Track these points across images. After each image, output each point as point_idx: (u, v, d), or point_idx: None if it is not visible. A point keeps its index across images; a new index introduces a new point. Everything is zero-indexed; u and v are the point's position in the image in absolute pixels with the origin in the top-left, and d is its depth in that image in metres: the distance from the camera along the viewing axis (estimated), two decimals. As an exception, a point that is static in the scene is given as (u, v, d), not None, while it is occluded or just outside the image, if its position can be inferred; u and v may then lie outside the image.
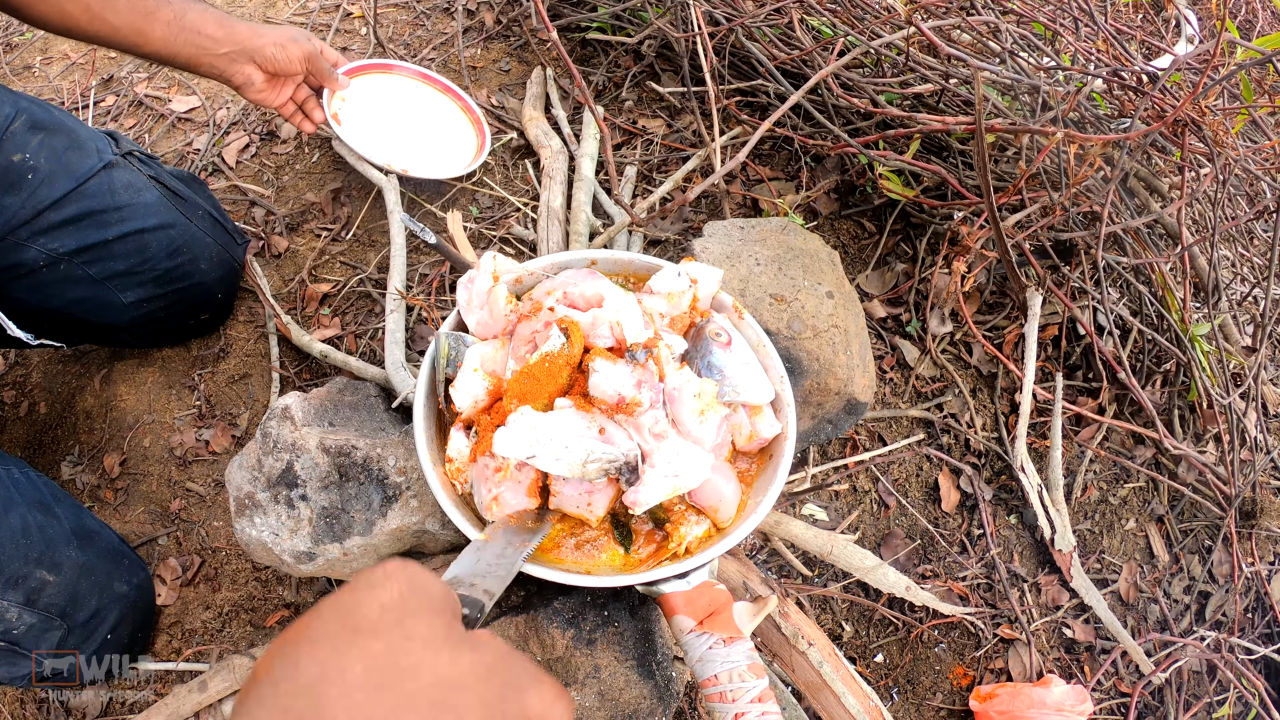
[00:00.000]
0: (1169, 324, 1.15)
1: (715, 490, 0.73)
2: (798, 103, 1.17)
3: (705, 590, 0.71)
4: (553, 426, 0.69)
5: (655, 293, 0.81)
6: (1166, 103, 0.98)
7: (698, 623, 0.69)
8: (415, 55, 1.40)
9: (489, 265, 0.82)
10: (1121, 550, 1.13)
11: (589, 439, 0.69)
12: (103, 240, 0.93)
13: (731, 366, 0.77)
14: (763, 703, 0.66)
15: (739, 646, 0.67)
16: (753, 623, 0.70)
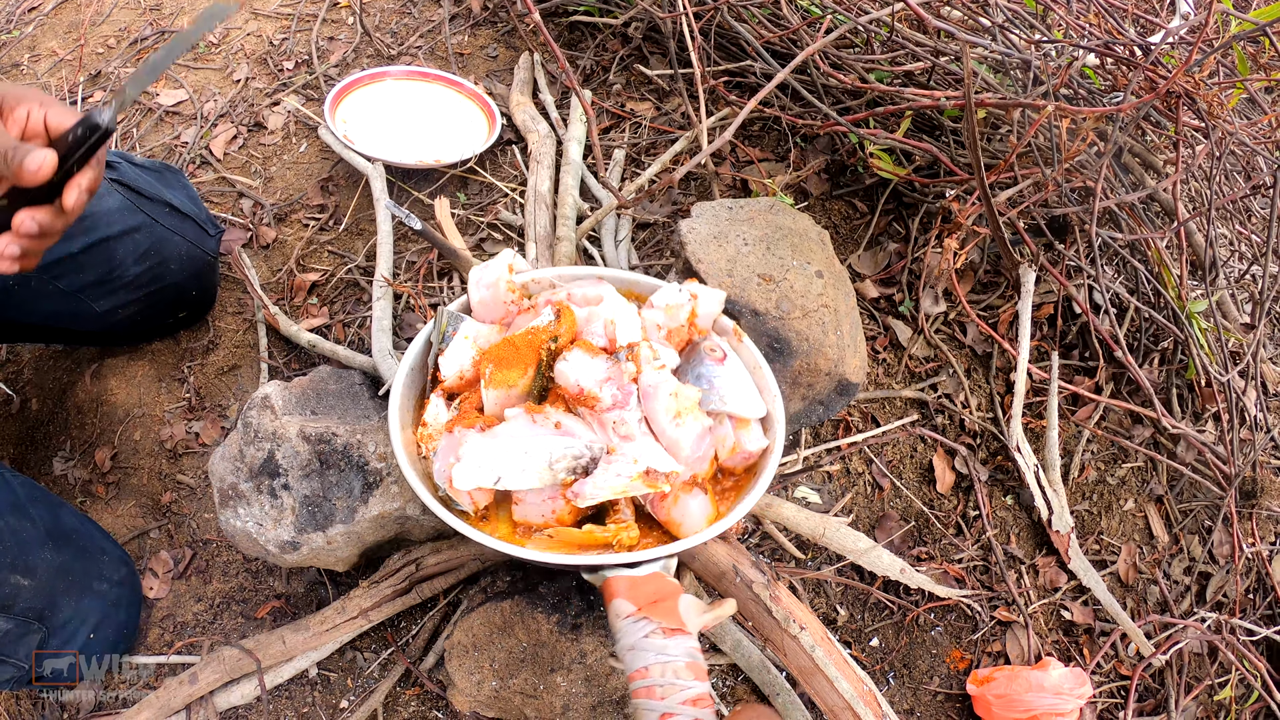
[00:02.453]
0: (1166, 302, 1.13)
1: (682, 508, 0.70)
2: (787, 82, 1.16)
3: (654, 579, 0.66)
4: (504, 438, 0.68)
5: (654, 306, 0.80)
6: (1159, 74, 0.96)
7: (637, 608, 0.63)
8: (402, 43, 1.39)
9: (506, 258, 0.82)
10: (1120, 531, 1.12)
11: (545, 437, 0.67)
12: (69, 253, 0.91)
13: (722, 378, 0.76)
14: (697, 707, 0.59)
15: (680, 640, 0.61)
16: (701, 619, 0.64)
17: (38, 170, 0.61)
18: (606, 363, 0.73)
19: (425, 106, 1.27)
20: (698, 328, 0.82)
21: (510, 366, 0.72)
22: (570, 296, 0.80)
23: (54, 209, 0.65)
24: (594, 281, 0.84)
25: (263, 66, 1.40)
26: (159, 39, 1.46)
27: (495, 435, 0.68)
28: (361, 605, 0.90)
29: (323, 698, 0.94)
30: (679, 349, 0.81)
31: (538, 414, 0.70)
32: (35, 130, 0.65)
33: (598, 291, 0.80)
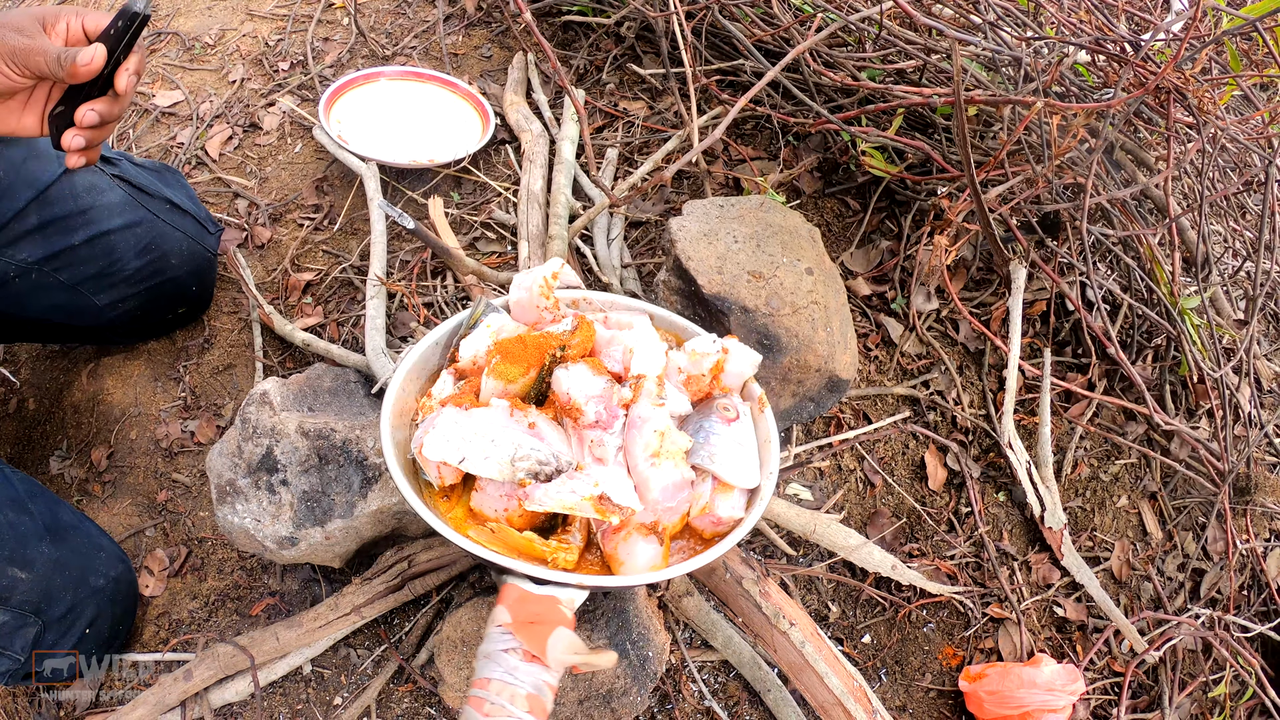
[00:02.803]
0: (1159, 298, 1.13)
1: (629, 547, 0.67)
2: (779, 81, 1.16)
3: (544, 602, 0.63)
4: (478, 421, 0.68)
5: (683, 350, 0.79)
6: (1149, 70, 0.96)
7: (512, 621, 0.62)
8: (397, 44, 1.40)
9: (553, 266, 0.81)
10: (1114, 528, 1.12)
11: (516, 432, 0.67)
12: (69, 245, 0.93)
13: (722, 438, 0.72)
14: None
15: (533, 670, 0.60)
16: (567, 658, 0.62)
17: (90, 63, 0.69)
18: (604, 382, 0.72)
19: (419, 106, 1.28)
20: (720, 383, 0.79)
21: (515, 362, 0.73)
22: (607, 320, 0.79)
23: (109, 98, 0.73)
24: (638, 313, 0.83)
25: (258, 67, 1.41)
26: (155, 40, 1.47)
27: (470, 416, 0.68)
28: (354, 602, 0.90)
29: (317, 694, 0.94)
30: (695, 399, 0.78)
31: (517, 409, 0.70)
32: (76, 38, 0.73)
33: (631, 318, 0.79)
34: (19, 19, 0.73)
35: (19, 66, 0.71)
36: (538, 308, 0.80)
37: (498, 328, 0.78)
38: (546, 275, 0.80)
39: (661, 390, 0.73)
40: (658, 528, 0.69)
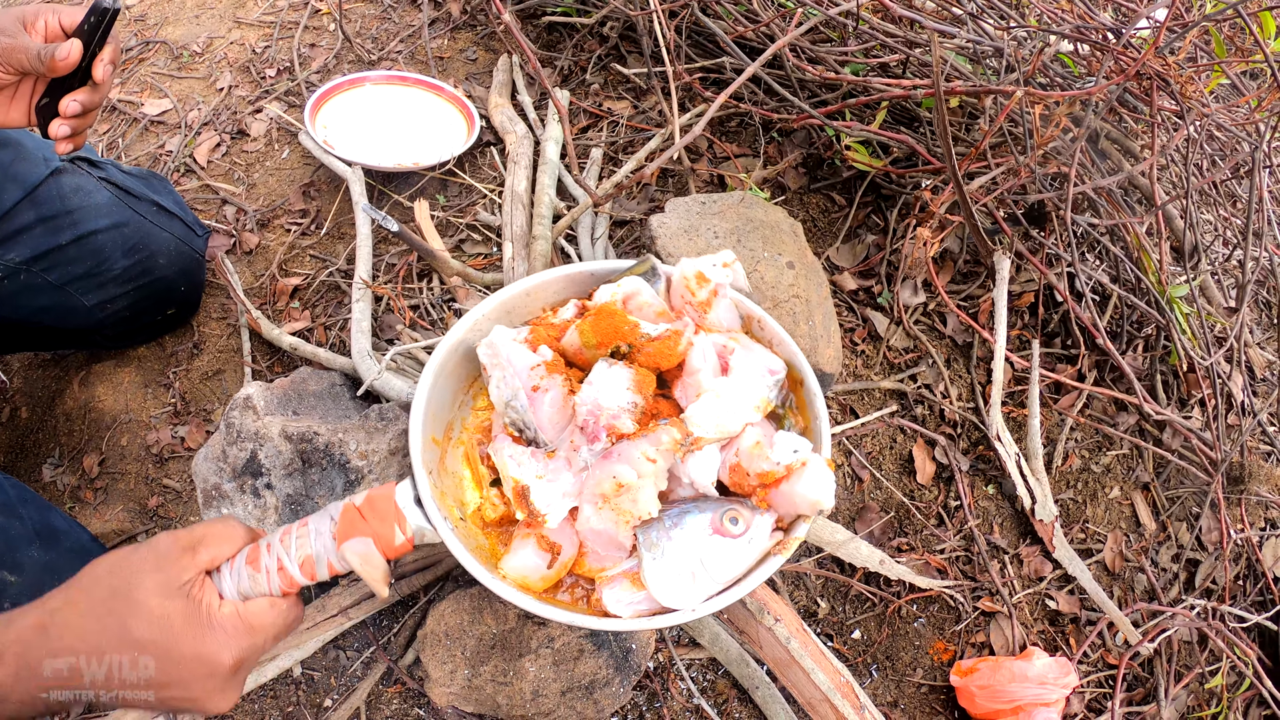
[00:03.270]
0: (1147, 287, 1.13)
1: (519, 546, 0.66)
2: (762, 77, 1.16)
3: (387, 516, 0.63)
4: (509, 351, 0.69)
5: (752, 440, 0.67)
6: (1130, 57, 0.96)
7: (359, 506, 0.63)
8: (383, 49, 1.40)
9: (725, 257, 0.75)
10: (1106, 519, 1.11)
11: (521, 389, 0.67)
12: (57, 245, 0.94)
13: (688, 543, 0.63)
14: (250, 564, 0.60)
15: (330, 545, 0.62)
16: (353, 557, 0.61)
17: (68, 57, 0.74)
18: (630, 402, 0.66)
19: (404, 110, 1.28)
20: (765, 494, 0.65)
21: (598, 333, 0.69)
22: (725, 351, 0.71)
23: (89, 88, 0.79)
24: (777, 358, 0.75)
25: (245, 74, 1.41)
26: (144, 49, 1.48)
27: (508, 342, 0.70)
28: (341, 604, 0.90)
29: (307, 697, 0.94)
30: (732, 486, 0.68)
31: (555, 374, 0.68)
32: (54, 33, 0.79)
33: (759, 365, 0.71)
34: (1, 21, 0.78)
35: (3, 64, 0.77)
36: (681, 297, 0.74)
37: (633, 291, 0.72)
38: (704, 268, 0.72)
39: (682, 453, 0.64)
40: (557, 550, 0.66)
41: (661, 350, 0.68)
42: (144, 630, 0.53)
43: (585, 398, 0.66)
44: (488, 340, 0.71)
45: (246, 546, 0.62)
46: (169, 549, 0.57)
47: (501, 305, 0.77)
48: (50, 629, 0.54)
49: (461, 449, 0.76)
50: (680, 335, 0.68)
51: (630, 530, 0.63)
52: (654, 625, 0.62)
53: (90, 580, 0.56)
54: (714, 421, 0.64)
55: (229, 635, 0.56)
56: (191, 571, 0.57)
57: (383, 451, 0.88)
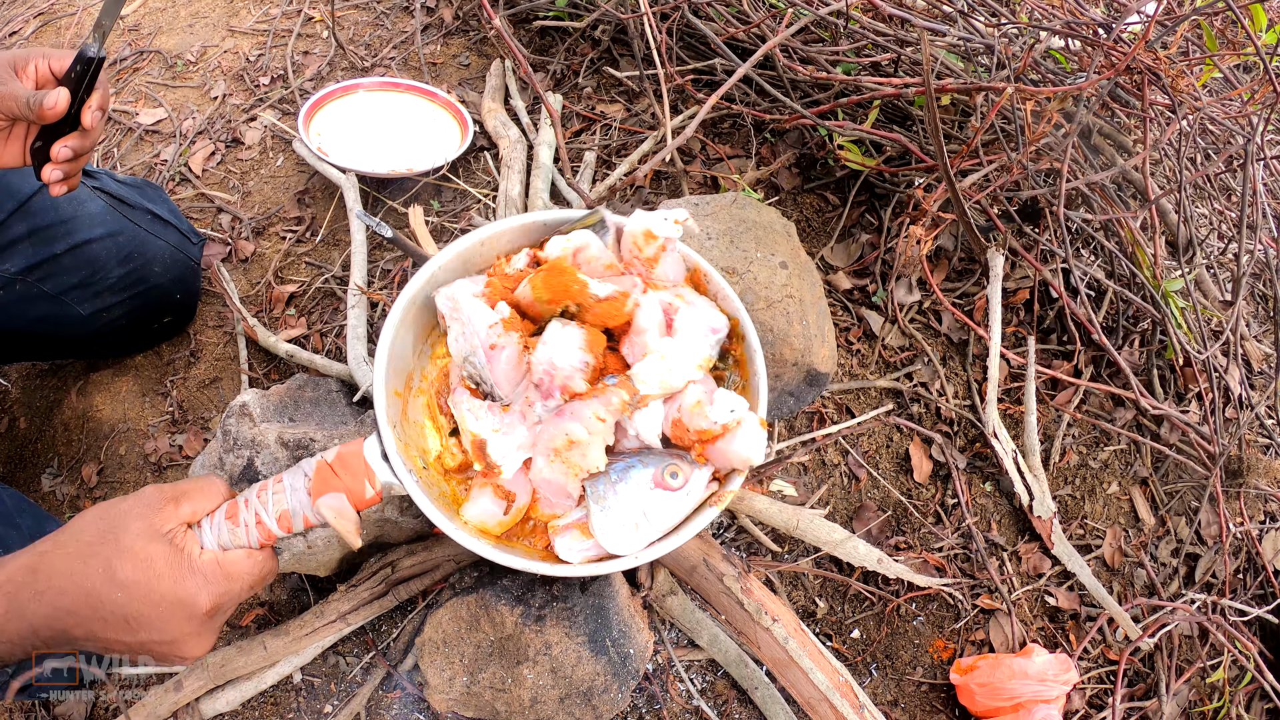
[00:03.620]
0: (1142, 282, 1.12)
1: (478, 494, 0.70)
2: (753, 78, 1.16)
3: (358, 472, 0.66)
4: (469, 308, 0.71)
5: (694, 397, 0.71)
6: (1120, 51, 0.96)
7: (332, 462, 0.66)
8: (376, 55, 1.41)
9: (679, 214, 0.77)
10: (1104, 515, 1.11)
11: (479, 347, 0.70)
12: (52, 255, 0.95)
13: (633, 496, 0.67)
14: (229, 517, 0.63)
15: (305, 499, 0.65)
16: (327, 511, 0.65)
17: (55, 106, 0.75)
18: (582, 361, 0.70)
19: (398, 116, 1.29)
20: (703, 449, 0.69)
21: (549, 289, 0.71)
22: (670, 309, 0.74)
23: (79, 133, 0.80)
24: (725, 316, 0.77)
25: (239, 83, 1.42)
26: (138, 59, 1.49)
27: (469, 298, 0.71)
28: (340, 609, 0.90)
29: (307, 703, 0.94)
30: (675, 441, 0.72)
31: (512, 328, 0.71)
32: (45, 78, 0.80)
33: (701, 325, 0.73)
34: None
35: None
36: (630, 252, 0.76)
37: (582, 245, 0.74)
38: (653, 225, 0.75)
39: (630, 411, 0.68)
40: (512, 497, 0.70)
41: (609, 310, 0.71)
42: (128, 571, 0.56)
43: (540, 357, 0.69)
44: (448, 291, 0.73)
45: (226, 502, 0.65)
46: (154, 498, 0.60)
47: (459, 255, 0.79)
48: (40, 569, 0.57)
49: (423, 398, 0.79)
50: (627, 297, 0.71)
51: (579, 482, 0.68)
52: (600, 570, 0.66)
53: (78, 526, 0.59)
54: (658, 379, 0.69)
55: (207, 580, 0.58)
56: (174, 521, 0.60)
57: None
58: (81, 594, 0.56)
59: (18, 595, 0.56)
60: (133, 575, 0.56)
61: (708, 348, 0.73)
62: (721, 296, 0.78)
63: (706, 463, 0.69)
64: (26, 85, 0.79)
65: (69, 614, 0.56)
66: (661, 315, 0.73)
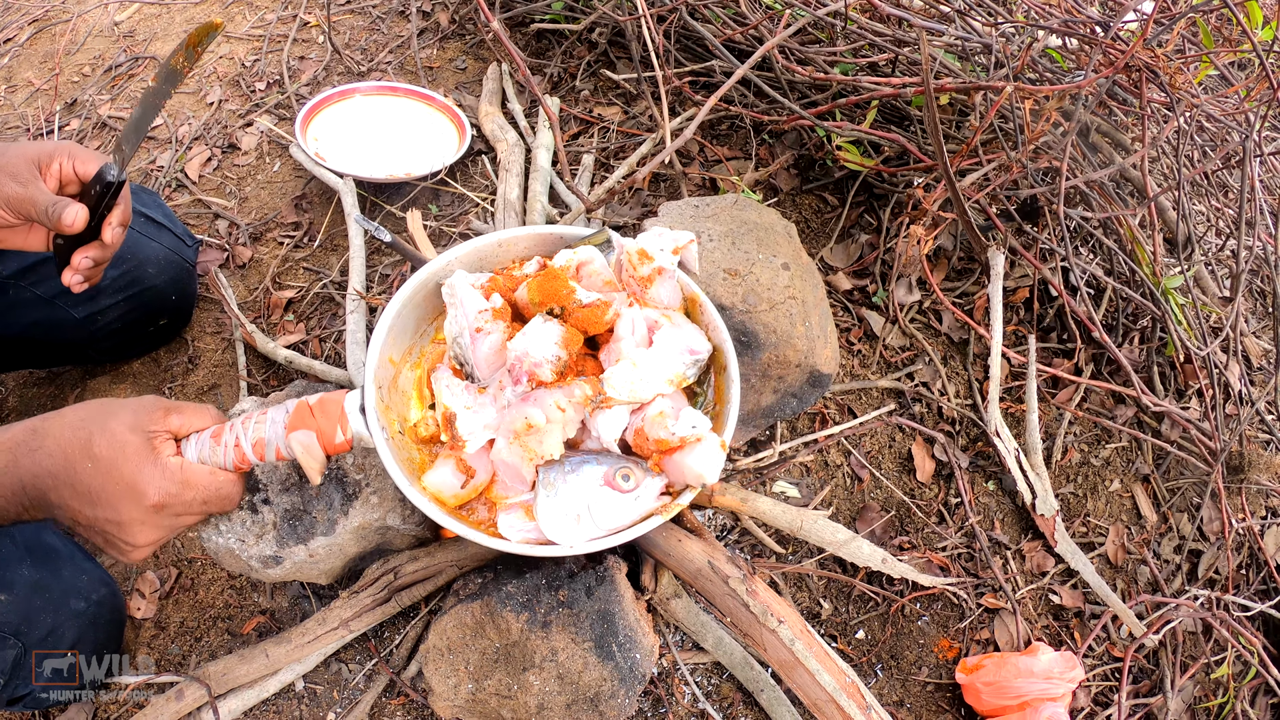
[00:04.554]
0: (1141, 279, 1.13)
1: (440, 466, 0.74)
2: (751, 80, 1.16)
3: (334, 418, 0.70)
4: (464, 294, 0.75)
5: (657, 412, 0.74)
6: (1118, 49, 0.96)
7: (313, 405, 0.71)
8: (372, 60, 1.40)
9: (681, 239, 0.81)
10: (1107, 512, 1.11)
11: (466, 329, 0.74)
12: (42, 259, 0.94)
13: (581, 491, 0.70)
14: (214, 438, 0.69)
15: (280, 433, 0.70)
16: (297, 446, 0.70)
17: (73, 223, 0.76)
18: (555, 354, 0.72)
19: (395, 121, 1.28)
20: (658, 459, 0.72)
21: (543, 293, 0.75)
22: (655, 325, 0.77)
23: (99, 245, 0.81)
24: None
25: (235, 88, 1.41)
26: (133, 65, 1.48)
27: (467, 285, 0.76)
28: (342, 616, 0.90)
29: (310, 711, 0.94)
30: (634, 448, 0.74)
31: (497, 320, 0.75)
32: (68, 179, 0.80)
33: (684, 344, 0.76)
34: (15, 162, 0.79)
35: (12, 211, 0.79)
36: (625, 271, 0.79)
37: (586, 259, 0.78)
38: (648, 247, 0.78)
39: (591, 408, 0.71)
40: (471, 473, 0.73)
41: (590, 316, 0.74)
42: (102, 448, 0.63)
43: (517, 344, 0.72)
44: (450, 280, 0.78)
45: (215, 425, 0.71)
46: (151, 403, 0.68)
47: (475, 251, 0.83)
48: (38, 431, 0.64)
49: (417, 373, 0.83)
50: (609, 306, 0.75)
51: (534, 467, 0.71)
52: (534, 553, 0.69)
53: (81, 405, 0.66)
54: (627, 386, 0.72)
55: (164, 477, 0.64)
56: (160, 425, 0.67)
57: (380, 465, 0.88)
58: (62, 458, 0.63)
59: (16, 451, 0.64)
60: (104, 452, 0.62)
61: (682, 366, 0.76)
62: (712, 328, 0.81)
63: (661, 473, 0.72)
64: (49, 185, 0.79)
65: (50, 475, 0.63)
66: (644, 329, 0.77)
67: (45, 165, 0.79)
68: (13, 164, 0.78)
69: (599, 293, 0.77)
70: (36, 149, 0.80)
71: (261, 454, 0.70)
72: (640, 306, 0.77)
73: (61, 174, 0.80)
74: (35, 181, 0.78)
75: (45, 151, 0.80)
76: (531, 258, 0.84)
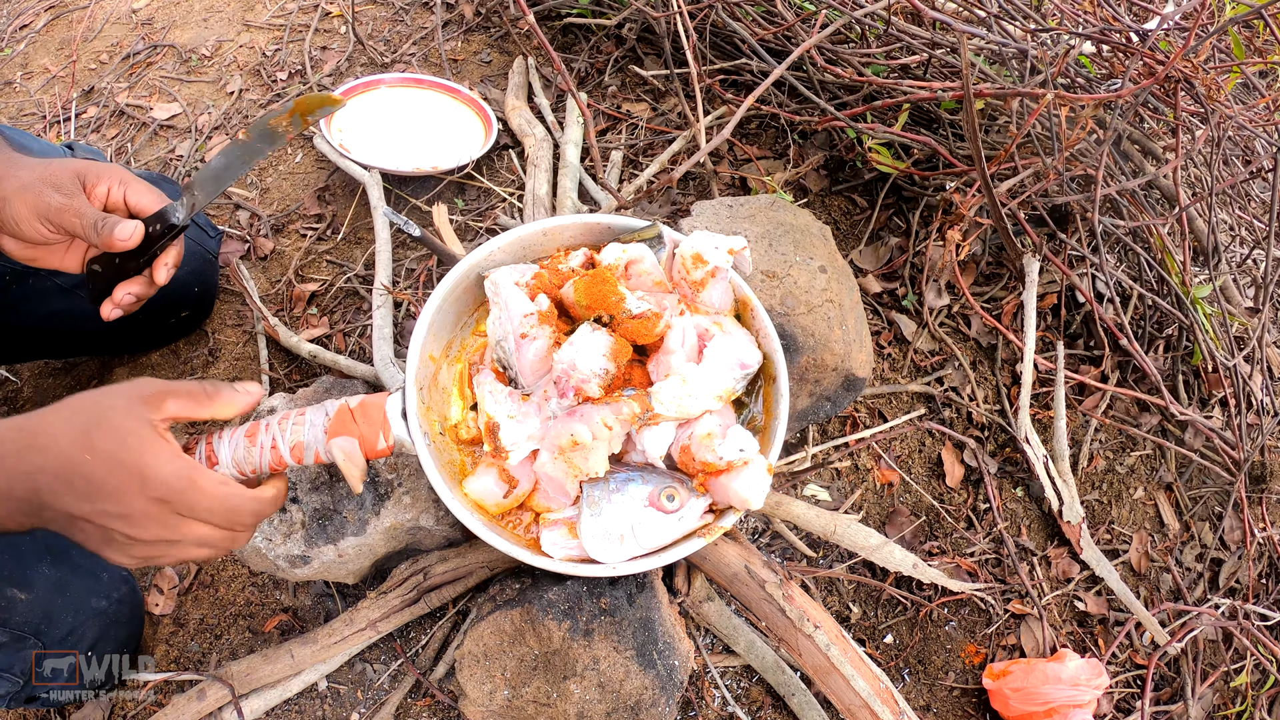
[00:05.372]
0: (1169, 288, 1.13)
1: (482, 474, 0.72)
2: (783, 79, 1.16)
3: (376, 423, 0.68)
4: (509, 295, 0.73)
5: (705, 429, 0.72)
6: (1156, 58, 0.96)
7: (354, 408, 0.69)
8: (395, 51, 1.39)
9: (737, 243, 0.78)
10: (1131, 520, 1.11)
11: (511, 334, 0.72)
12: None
13: (626, 511, 0.68)
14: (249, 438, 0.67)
15: (320, 436, 0.67)
16: (338, 452, 0.68)
17: (129, 239, 0.72)
18: (603, 368, 0.70)
19: (421, 113, 1.27)
20: (705, 480, 0.70)
21: (589, 295, 0.72)
22: (705, 334, 0.74)
23: (145, 280, 0.77)
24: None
25: (256, 78, 1.39)
26: (151, 53, 1.46)
27: (512, 284, 0.74)
28: (370, 617, 0.89)
29: (333, 711, 0.93)
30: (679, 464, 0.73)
31: (545, 321, 0.72)
32: (115, 206, 0.75)
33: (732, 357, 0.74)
34: (58, 173, 0.73)
35: (53, 225, 0.72)
36: (678, 273, 0.77)
37: (636, 258, 0.75)
38: (704, 250, 0.74)
39: (639, 425, 0.69)
40: (514, 483, 0.72)
41: (640, 328, 0.71)
42: (102, 439, 0.58)
43: (564, 355, 0.70)
44: (494, 277, 0.75)
45: (248, 423, 0.68)
46: (146, 388, 0.63)
47: (519, 240, 0.81)
48: (26, 428, 0.59)
49: (458, 366, 0.81)
50: (659, 318, 0.72)
51: (577, 483, 0.69)
52: (577, 572, 0.68)
53: (71, 399, 0.62)
54: (676, 403, 0.70)
55: (169, 465, 0.59)
56: (159, 414, 0.62)
57: (413, 464, 0.87)
58: (56, 453, 0.58)
59: (3, 448, 0.59)
60: (104, 444, 0.58)
61: (732, 380, 0.74)
62: (763, 334, 0.79)
63: (705, 494, 0.70)
64: (94, 204, 0.74)
65: (41, 472, 0.58)
66: (694, 340, 0.74)
67: (91, 184, 0.74)
68: (55, 175, 0.73)
69: (649, 295, 0.75)
70: (83, 165, 0.75)
71: (300, 457, 0.67)
72: (691, 313, 0.75)
73: (109, 198, 0.75)
74: (80, 195, 0.73)
75: (92, 170, 0.75)
76: (578, 247, 0.81)
